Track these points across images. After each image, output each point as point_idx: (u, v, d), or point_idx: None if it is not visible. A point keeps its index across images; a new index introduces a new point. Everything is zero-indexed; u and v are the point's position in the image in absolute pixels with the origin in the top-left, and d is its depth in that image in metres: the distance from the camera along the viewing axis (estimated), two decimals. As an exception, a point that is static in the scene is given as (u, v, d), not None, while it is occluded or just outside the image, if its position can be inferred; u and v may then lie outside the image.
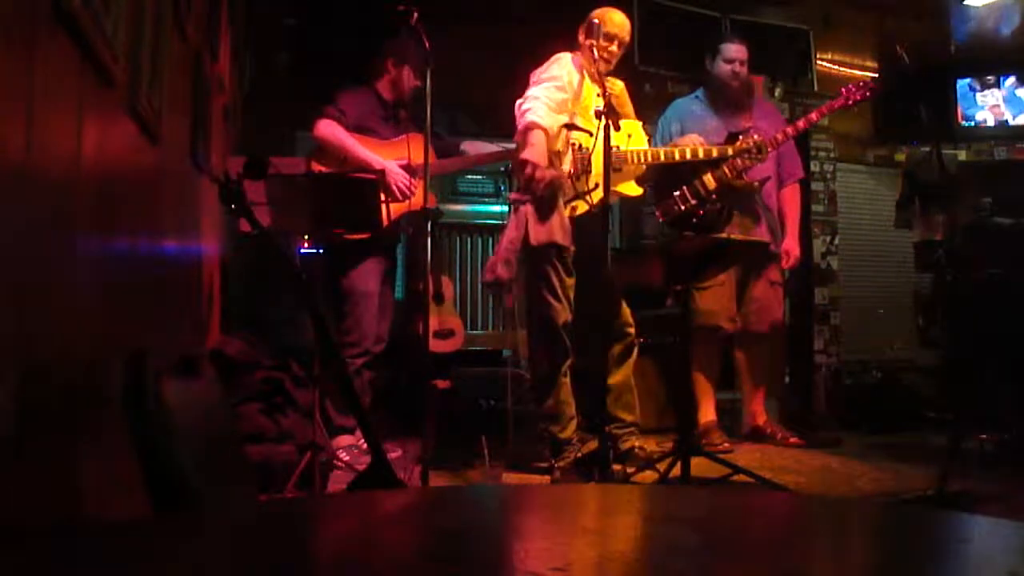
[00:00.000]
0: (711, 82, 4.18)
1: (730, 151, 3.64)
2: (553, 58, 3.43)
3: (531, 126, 3.22)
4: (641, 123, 3.62)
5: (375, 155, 3.60)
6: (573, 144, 3.31)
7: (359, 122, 3.63)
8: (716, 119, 4.08)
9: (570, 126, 3.27)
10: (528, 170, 3.16)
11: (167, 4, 2.10)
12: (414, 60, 3.69)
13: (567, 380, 3.42)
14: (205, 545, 0.86)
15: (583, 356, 3.42)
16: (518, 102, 3.34)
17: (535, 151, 3.19)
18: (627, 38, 3.46)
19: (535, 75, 3.41)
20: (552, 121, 3.25)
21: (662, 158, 3.49)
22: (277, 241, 2.50)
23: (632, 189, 3.51)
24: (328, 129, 3.55)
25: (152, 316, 2.15)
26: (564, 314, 3.35)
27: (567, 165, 3.31)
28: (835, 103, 3.84)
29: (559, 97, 3.30)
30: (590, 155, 3.26)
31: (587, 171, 3.28)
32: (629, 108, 3.57)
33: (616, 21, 3.44)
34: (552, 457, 3.44)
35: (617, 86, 3.49)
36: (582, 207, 3.26)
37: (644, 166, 3.49)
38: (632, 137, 3.49)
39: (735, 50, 4.13)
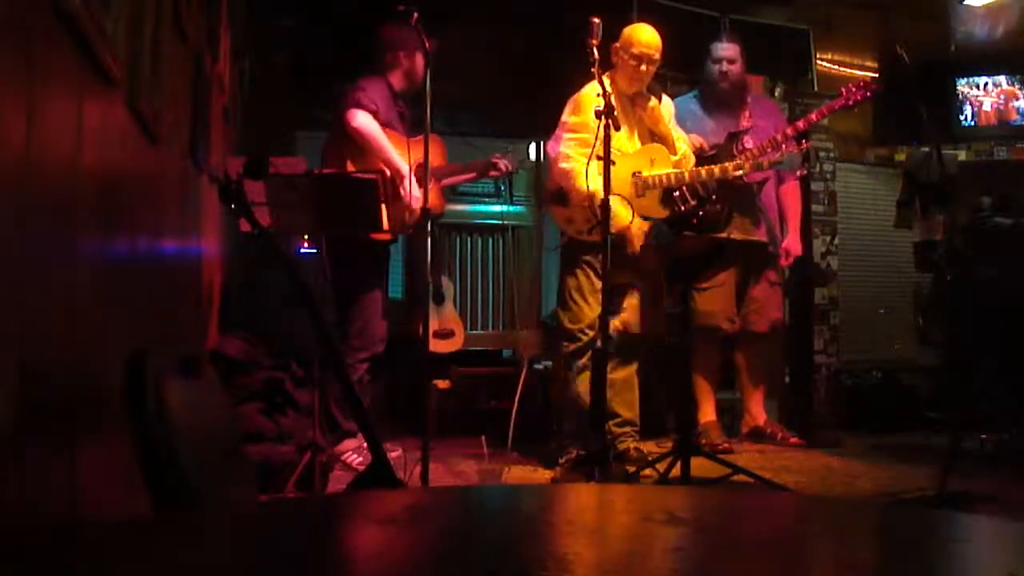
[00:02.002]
0: (703, 82, 4.18)
1: (745, 166, 3.61)
2: (569, 102, 3.50)
3: (566, 173, 3.39)
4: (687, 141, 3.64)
5: (403, 163, 3.52)
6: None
7: (385, 118, 3.55)
8: (712, 120, 4.08)
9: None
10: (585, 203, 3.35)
11: (167, 4, 2.10)
12: (422, 46, 3.62)
13: (583, 376, 3.47)
14: (205, 545, 0.86)
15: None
16: (553, 150, 3.52)
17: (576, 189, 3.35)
18: (656, 55, 3.47)
19: (562, 117, 3.52)
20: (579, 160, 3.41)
21: (686, 178, 3.49)
22: (277, 241, 2.50)
23: (655, 211, 3.52)
24: (368, 121, 3.44)
25: (152, 316, 2.15)
26: (589, 314, 3.44)
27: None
28: (835, 103, 3.84)
29: (578, 139, 3.42)
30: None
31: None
32: (664, 127, 3.57)
33: (643, 40, 3.45)
34: (557, 450, 3.47)
35: (651, 104, 3.51)
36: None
37: (668, 187, 3.50)
38: (655, 162, 3.50)
39: (722, 49, 4.13)
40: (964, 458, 3.08)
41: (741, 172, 3.58)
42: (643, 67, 3.45)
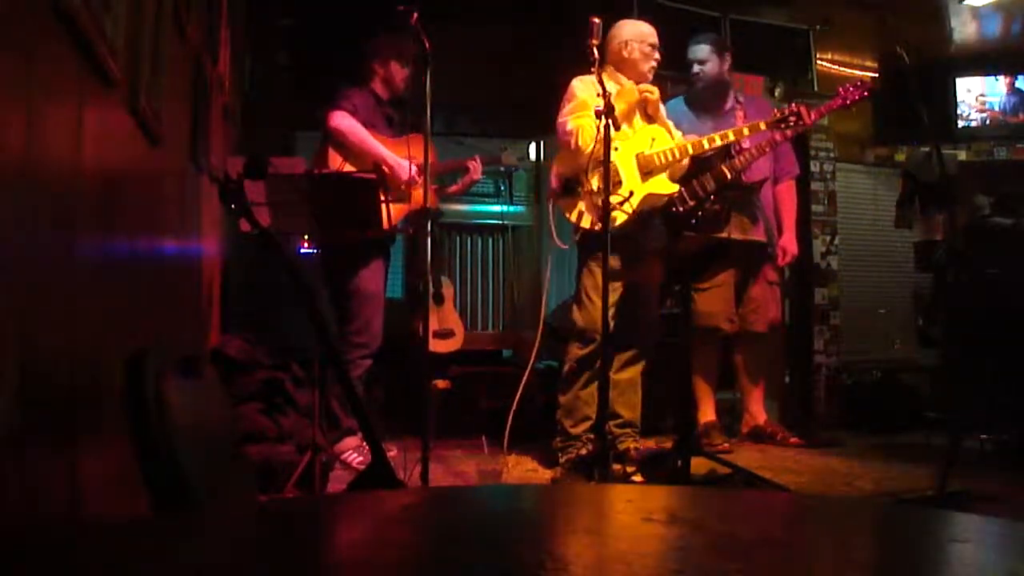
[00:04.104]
0: (688, 86, 4.21)
1: (745, 131, 3.60)
2: (569, 87, 3.51)
3: (574, 131, 3.37)
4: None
5: (388, 151, 3.59)
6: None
7: (366, 119, 3.63)
8: (700, 120, 4.08)
9: None
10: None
11: (167, 4, 2.10)
12: (395, 52, 3.70)
13: (591, 379, 3.45)
14: (205, 545, 0.86)
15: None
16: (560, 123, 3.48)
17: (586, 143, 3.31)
18: (656, 41, 3.54)
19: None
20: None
21: (689, 151, 3.49)
22: (277, 241, 2.50)
23: (664, 186, 3.50)
24: (345, 120, 3.54)
25: (152, 316, 2.15)
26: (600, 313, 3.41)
27: (596, 181, 3.35)
28: (833, 103, 3.84)
29: (576, 110, 3.42)
30: (616, 167, 3.33)
31: (617, 183, 3.34)
32: (660, 115, 3.58)
33: (650, 31, 3.56)
34: (558, 451, 3.49)
35: (654, 92, 3.54)
36: (620, 217, 3.26)
37: (674, 164, 3.50)
38: (656, 140, 3.51)
39: (695, 51, 4.16)
40: (964, 458, 3.08)
41: (737, 140, 3.60)
42: (656, 55, 3.53)
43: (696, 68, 4.12)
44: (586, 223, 3.43)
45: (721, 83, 4.18)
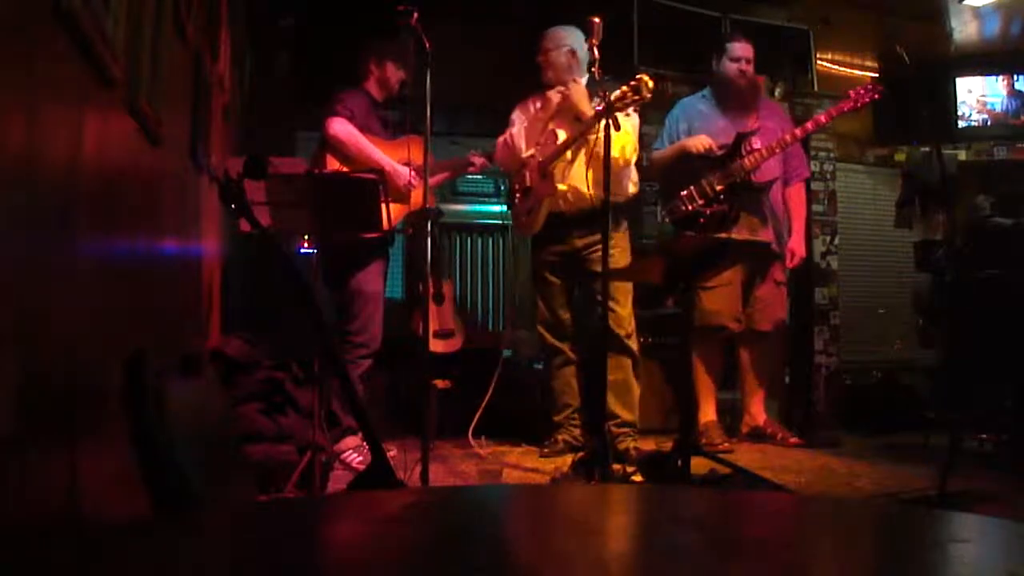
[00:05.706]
0: (717, 81, 4.16)
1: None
2: None
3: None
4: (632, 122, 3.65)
5: (386, 156, 3.60)
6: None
7: (362, 124, 3.63)
8: (723, 118, 4.06)
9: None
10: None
11: (167, 4, 2.10)
12: (393, 54, 3.72)
13: (561, 372, 3.84)
14: (205, 545, 0.86)
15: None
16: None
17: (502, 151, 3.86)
18: (554, 48, 3.77)
19: None
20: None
21: (559, 137, 3.61)
22: (277, 241, 2.50)
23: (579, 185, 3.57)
24: (342, 127, 3.55)
25: (152, 316, 2.15)
26: (543, 312, 3.87)
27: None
28: (844, 105, 3.83)
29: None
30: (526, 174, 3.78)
31: (527, 188, 3.77)
32: (583, 105, 3.60)
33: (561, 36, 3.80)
34: (545, 437, 3.81)
35: (567, 88, 3.69)
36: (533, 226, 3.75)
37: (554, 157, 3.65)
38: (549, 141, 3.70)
39: (741, 48, 4.12)
40: (964, 458, 3.08)
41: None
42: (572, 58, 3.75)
43: (744, 66, 4.09)
44: (520, 225, 3.85)
45: (757, 85, 4.19)
